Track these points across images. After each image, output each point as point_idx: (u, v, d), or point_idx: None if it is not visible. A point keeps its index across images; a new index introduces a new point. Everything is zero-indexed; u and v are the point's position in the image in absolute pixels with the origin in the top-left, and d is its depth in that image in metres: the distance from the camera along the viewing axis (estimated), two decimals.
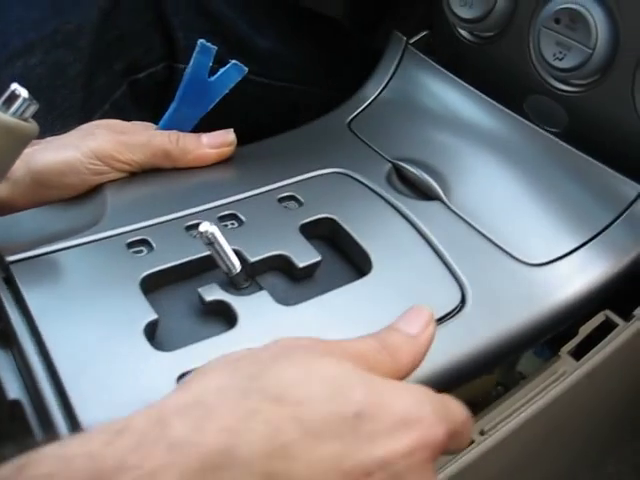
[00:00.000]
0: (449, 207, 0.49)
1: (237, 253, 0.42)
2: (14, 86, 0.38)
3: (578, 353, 0.47)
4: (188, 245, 0.44)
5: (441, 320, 0.41)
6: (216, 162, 0.52)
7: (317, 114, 0.60)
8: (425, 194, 0.51)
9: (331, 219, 0.47)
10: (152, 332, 0.39)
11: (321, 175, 0.52)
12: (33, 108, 0.38)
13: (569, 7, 0.46)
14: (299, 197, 0.49)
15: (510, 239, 0.47)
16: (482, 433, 0.43)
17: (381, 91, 0.61)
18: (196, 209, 0.47)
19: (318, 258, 0.44)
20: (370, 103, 0.60)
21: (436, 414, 0.30)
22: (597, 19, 0.45)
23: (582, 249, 0.46)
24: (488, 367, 0.43)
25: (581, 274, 0.45)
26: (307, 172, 0.51)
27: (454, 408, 0.32)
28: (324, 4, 0.74)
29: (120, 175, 0.49)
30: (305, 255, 0.44)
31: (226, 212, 0.47)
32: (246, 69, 0.50)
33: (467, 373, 0.41)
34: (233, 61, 0.50)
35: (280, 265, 0.44)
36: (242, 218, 0.47)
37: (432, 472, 0.30)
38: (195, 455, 0.25)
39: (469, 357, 0.40)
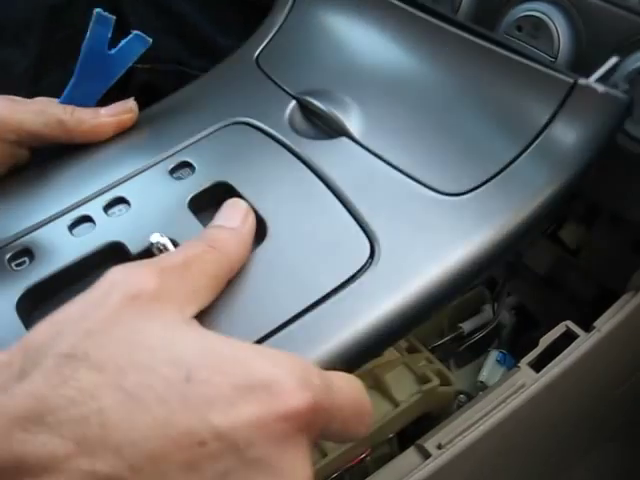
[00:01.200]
0: (357, 142, 0.44)
1: (119, 245, 0.40)
2: None
3: (539, 365, 0.47)
4: (73, 245, 0.41)
5: (348, 281, 0.36)
6: (116, 133, 0.48)
7: None
8: (331, 130, 0.46)
9: (224, 183, 0.43)
10: None
11: (219, 130, 0.47)
12: None
13: (531, 14, 0.45)
14: (193, 162, 0.45)
15: (426, 169, 0.42)
16: (439, 447, 0.42)
17: (285, 18, 0.55)
18: (81, 197, 0.44)
19: None
20: (276, 33, 0.55)
21: (296, 380, 0.27)
22: (559, 26, 0.44)
23: (508, 169, 0.41)
24: (411, 324, 0.37)
25: (512, 194, 0.40)
26: (204, 129, 0.47)
27: (336, 382, 0.30)
28: None
29: (4, 148, 0.46)
30: (192, 236, 0.39)
31: (112, 197, 0.43)
32: (150, 40, 0.47)
33: (383, 337, 0.36)
34: (135, 32, 0.47)
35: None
36: (129, 201, 0.43)
37: (300, 449, 0.27)
38: (3, 416, 0.25)
39: (383, 319, 0.35)
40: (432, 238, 0.38)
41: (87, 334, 0.27)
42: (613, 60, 0.43)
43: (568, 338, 0.48)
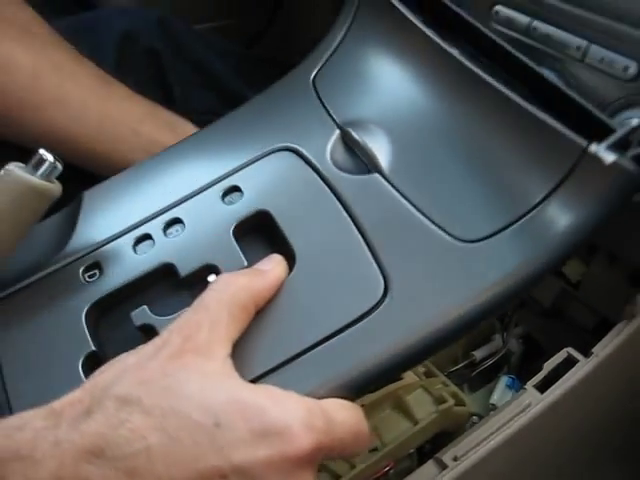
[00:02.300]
0: (388, 180, 0.46)
1: (171, 267, 0.44)
2: (41, 151, 0.43)
3: (543, 387, 0.52)
4: (135, 263, 0.45)
5: (361, 317, 0.40)
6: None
7: None
8: (367, 165, 0.48)
9: (265, 212, 0.46)
10: (92, 364, 0.42)
11: (268, 154, 0.50)
12: (57, 170, 0.44)
13: None
14: (242, 187, 0.48)
15: (445, 213, 0.43)
16: (455, 459, 0.47)
17: (342, 38, 0.55)
18: (146, 215, 0.48)
19: (244, 265, 0.43)
20: (332, 53, 0.55)
21: (303, 426, 0.33)
22: None
23: (519, 222, 0.41)
24: (419, 357, 0.40)
25: (517, 250, 0.41)
26: (256, 152, 0.50)
27: (337, 417, 0.36)
28: None
29: None
30: (232, 262, 0.44)
31: (171, 217, 0.47)
32: None
33: (392, 369, 0.39)
34: None
35: (211, 274, 0.44)
36: (185, 222, 0.47)
37: (305, 478, 0.34)
38: (71, 451, 0.31)
39: (392, 352, 0.38)
40: (443, 281, 0.40)
41: (141, 382, 0.34)
42: (635, 122, 0.43)
43: (569, 363, 0.52)
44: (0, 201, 0.41)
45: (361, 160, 0.48)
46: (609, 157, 0.39)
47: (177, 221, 0.47)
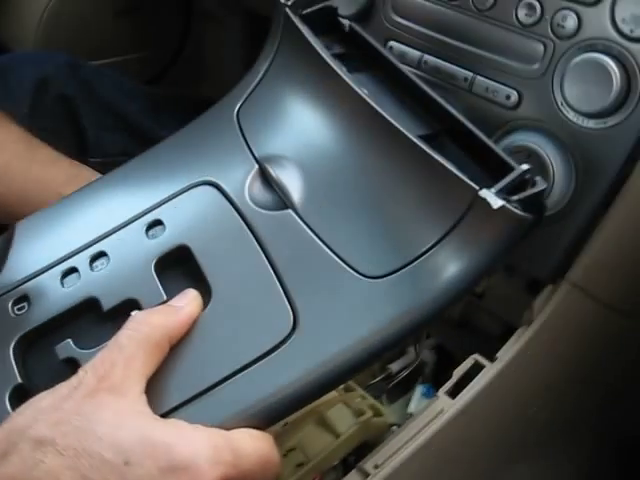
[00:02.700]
0: (300, 216, 0.47)
1: (95, 301, 0.45)
2: None
3: (454, 392, 0.54)
4: (61, 296, 0.46)
5: (271, 351, 0.41)
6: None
7: None
8: (282, 201, 0.49)
9: (185, 247, 0.47)
10: (19, 396, 0.42)
11: (190, 189, 0.50)
12: None
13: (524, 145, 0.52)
14: (164, 221, 0.49)
15: (352, 251, 0.45)
16: (376, 467, 0.49)
17: (265, 73, 0.55)
18: (72, 249, 0.49)
19: (163, 299, 0.44)
20: (255, 87, 0.55)
21: (209, 461, 0.35)
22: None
23: (413, 264, 0.43)
24: (323, 389, 0.42)
25: (411, 291, 0.42)
26: (180, 184, 0.51)
27: (246, 448, 0.37)
28: None
29: None
30: (152, 297, 0.45)
31: (96, 251, 0.48)
32: None
33: (300, 399, 0.41)
34: None
35: (133, 308, 0.45)
36: (110, 256, 0.48)
37: None
38: None
39: (299, 384, 0.40)
40: (348, 316, 0.42)
41: (55, 424, 0.36)
42: (524, 167, 0.43)
43: (477, 368, 0.56)
44: None
45: (277, 196, 0.49)
46: (496, 202, 0.40)
47: (102, 254, 0.48)
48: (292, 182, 0.49)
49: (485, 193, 0.41)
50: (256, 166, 0.51)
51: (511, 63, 0.51)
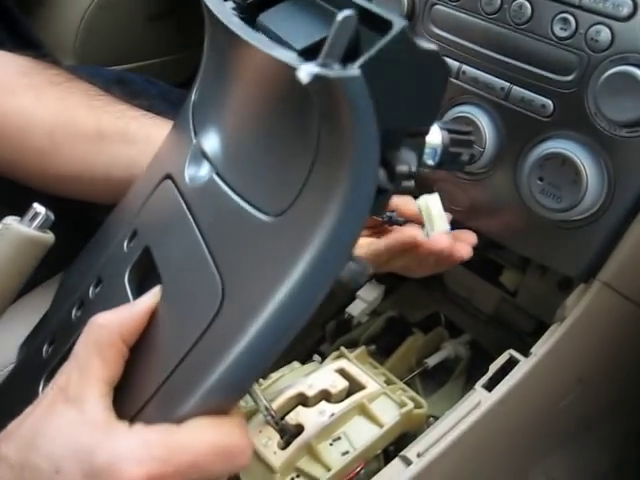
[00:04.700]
0: (222, 178, 0.43)
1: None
2: (35, 205, 0.48)
3: (490, 386, 0.57)
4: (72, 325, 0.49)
5: (209, 326, 0.38)
6: None
7: None
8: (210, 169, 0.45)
9: (147, 248, 0.46)
10: None
11: (156, 188, 0.49)
12: (50, 221, 0.48)
13: (463, 115, 0.59)
14: (138, 228, 0.49)
15: (258, 194, 0.39)
16: (418, 455, 0.52)
17: (206, 57, 0.51)
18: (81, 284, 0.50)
19: None
20: (202, 73, 0.52)
21: (131, 460, 0.35)
22: (485, 125, 0.58)
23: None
24: (269, 350, 0.37)
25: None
26: (152, 186, 0.50)
27: (189, 441, 0.36)
28: None
29: None
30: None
31: (95, 280, 0.49)
32: None
33: (249, 366, 0.37)
34: None
35: None
36: (103, 281, 0.49)
37: None
38: None
39: (242, 350, 0.36)
40: (267, 264, 0.37)
41: (12, 439, 0.38)
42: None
43: (512, 363, 0.58)
44: (1, 254, 0.46)
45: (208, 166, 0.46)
46: (307, 73, 0.31)
47: (99, 282, 0.50)
48: (215, 147, 0.46)
49: (303, 68, 0.31)
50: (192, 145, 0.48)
51: (546, 74, 0.53)
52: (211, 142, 0.45)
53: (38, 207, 0.48)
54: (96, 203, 0.64)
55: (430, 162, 0.48)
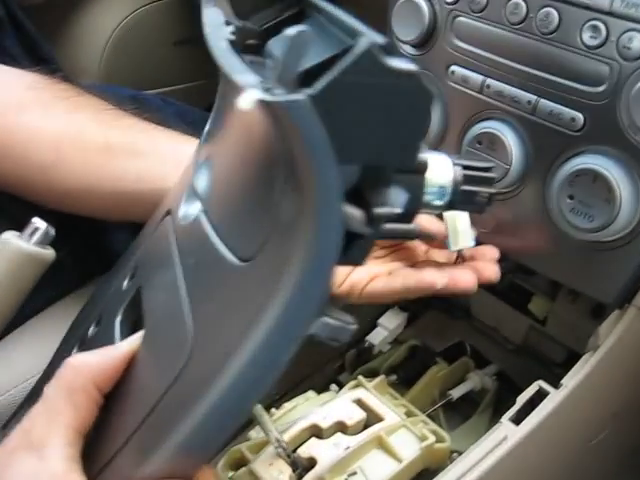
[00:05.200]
0: (207, 216, 0.40)
1: None
2: (35, 219, 0.46)
3: (518, 419, 0.54)
4: None
5: (178, 376, 0.35)
6: None
7: None
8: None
9: (139, 288, 0.44)
10: None
11: (158, 224, 0.47)
12: (50, 237, 0.46)
13: (488, 131, 0.56)
14: (138, 265, 0.47)
15: (233, 235, 0.36)
16: None
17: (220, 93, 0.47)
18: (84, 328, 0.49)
19: None
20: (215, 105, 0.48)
21: None
22: (511, 141, 0.55)
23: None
24: (240, 406, 0.33)
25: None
26: (157, 219, 0.48)
27: None
28: None
29: None
30: None
31: (96, 319, 0.48)
32: None
33: (226, 418, 0.33)
34: None
35: None
36: (101, 320, 0.47)
37: None
38: None
39: (210, 406, 0.33)
40: (236, 315, 0.33)
41: None
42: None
43: (541, 395, 0.55)
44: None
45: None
46: (247, 99, 0.27)
47: (99, 322, 0.48)
48: (204, 184, 0.43)
49: (246, 94, 0.27)
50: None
51: (575, 86, 0.50)
52: (202, 179, 0.43)
53: (38, 222, 0.46)
54: (106, 221, 0.63)
55: (438, 202, 0.44)
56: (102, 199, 0.58)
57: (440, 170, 0.43)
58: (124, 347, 0.39)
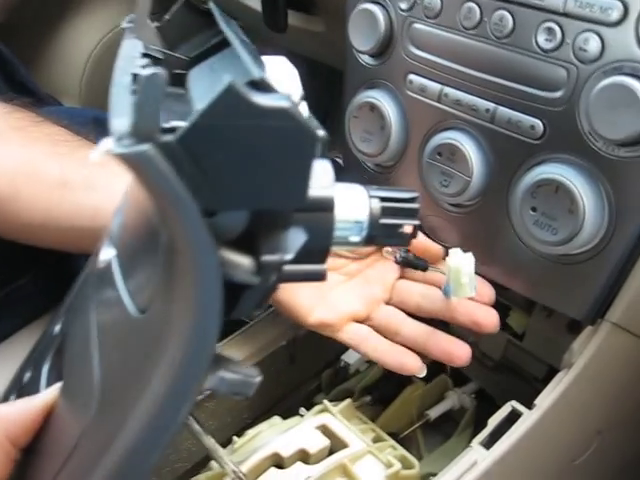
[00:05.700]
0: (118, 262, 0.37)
1: None
2: None
3: (489, 443, 0.51)
4: None
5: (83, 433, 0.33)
6: None
7: None
8: None
9: (64, 334, 0.43)
10: None
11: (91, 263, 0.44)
12: None
13: (447, 142, 0.53)
14: (69, 311, 0.45)
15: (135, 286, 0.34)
16: None
17: None
18: None
19: None
20: None
21: None
22: (472, 152, 0.52)
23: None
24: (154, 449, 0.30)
25: None
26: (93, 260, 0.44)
27: None
28: None
29: None
30: None
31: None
32: None
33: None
34: None
35: None
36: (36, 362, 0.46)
37: None
38: None
39: (122, 461, 0.30)
40: (133, 369, 0.32)
41: None
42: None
43: (514, 416, 0.53)
44: None
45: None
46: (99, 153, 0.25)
47: (35, 366, 0.46)
48: (116, 228, 0.41)
49: (100, 145, 0.25)
50: None
51: (533, 91, 0.48)
52: (116, 221, 0.40)
53: None
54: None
55: (355, 238, 0.39)
56: (59, 234, 0.57)
57: (355, 204, 0.39)
58: (41, 399, 0.37)
